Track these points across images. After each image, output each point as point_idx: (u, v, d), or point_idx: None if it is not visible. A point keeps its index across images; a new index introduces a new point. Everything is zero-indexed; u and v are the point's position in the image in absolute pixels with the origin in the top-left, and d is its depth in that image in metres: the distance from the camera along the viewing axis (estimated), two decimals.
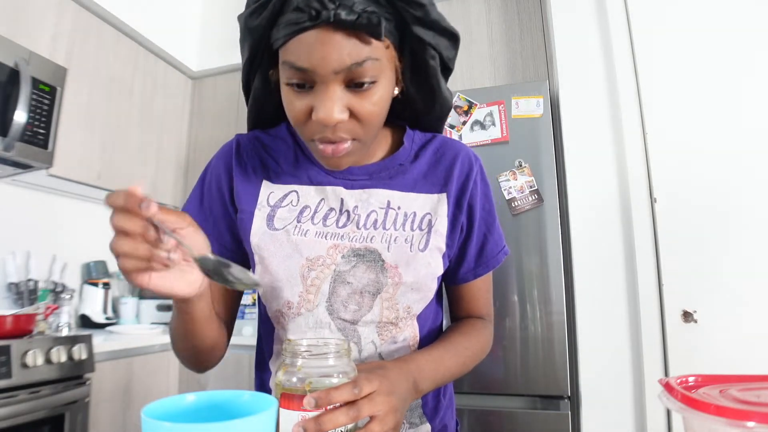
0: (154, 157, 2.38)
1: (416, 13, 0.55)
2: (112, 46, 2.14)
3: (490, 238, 0.74)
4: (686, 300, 1.59)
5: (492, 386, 1.71)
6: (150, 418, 0.37)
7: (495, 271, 0.78)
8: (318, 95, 0.55)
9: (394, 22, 0.56)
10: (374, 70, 0.55)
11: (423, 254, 0.66)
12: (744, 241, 1.56)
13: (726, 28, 1.67)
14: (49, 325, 1.80)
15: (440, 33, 0.59)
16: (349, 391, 0.47)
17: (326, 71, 0.53)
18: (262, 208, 0.68)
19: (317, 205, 0.68)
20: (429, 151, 0.72)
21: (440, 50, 0.60)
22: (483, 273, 0.75)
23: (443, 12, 0.60)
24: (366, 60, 0.53)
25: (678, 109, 1.69)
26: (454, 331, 0.72)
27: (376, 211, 0.67)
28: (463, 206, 0.70)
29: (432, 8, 0.57)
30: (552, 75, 2.03)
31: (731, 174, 1.60)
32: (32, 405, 1.39)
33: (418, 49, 0.59)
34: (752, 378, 0.41)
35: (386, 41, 0.55)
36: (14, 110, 1.60)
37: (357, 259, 0.65)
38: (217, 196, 0.71)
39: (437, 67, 0.61)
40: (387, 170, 0.69)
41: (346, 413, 0.46)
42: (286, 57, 0.55)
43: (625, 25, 1.80)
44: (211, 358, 0.68)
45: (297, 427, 0.46)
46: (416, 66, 0.61)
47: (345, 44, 0.52)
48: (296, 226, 0.67)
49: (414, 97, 0.65)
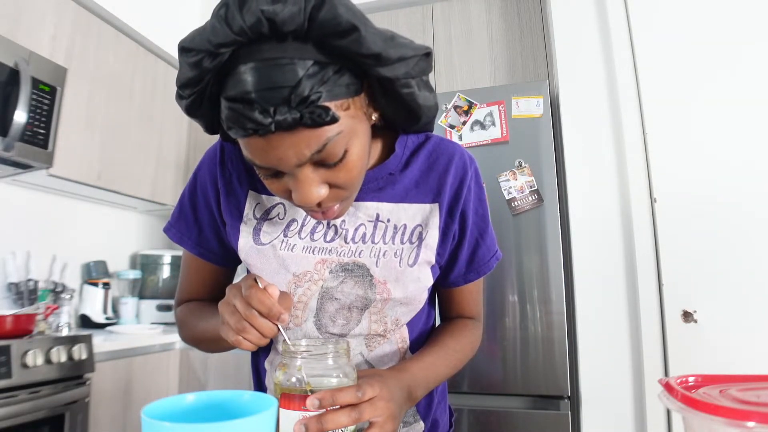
0: (154, 157, 2.38)
1: (372, 62, 0.48)
2: (112, 46, 2.14)
3: (482, 243, 0.72)
4: (686, 300, 1.59)
5: (492, 386, 1.71)
6: (150, 418, 0.37)
7: (495, 270, 0.78)
8: (291, 181, 0.52)
9: (351, 69, 0.49)
10: (341, 144, 0.50)
11: (412, 269, 0.64)
12: (744, 241, 1.56)
13: (726, 28, 1.67)
14: (49, 325, 1.80)
15: (407, 62, 0.51)
16: (353, 394, 0.47)
17: (288, 167, 0.50)
18: (249, 221, 0.67)
19: (304, 218, 0.66)
20: (421, 157, 0.69)
21: (413, 75, 0.53)
22: (474, 279, 0.73)
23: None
24: (327, 143, 0.48)
25: (678, 109, 1.69)
26: (444, 333, 0.72)
27: (365, 225, 0.65)
28: (456, 215, 0.68)
29: (390, 47, 0.49)
30: (552, 75, 2.03)
31: (731, 174, 1.60)
32: (32, 405, 1.39)
33: (387, 86, 0.53)
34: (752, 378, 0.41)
35: (345, 102, 0.49)
36: (14, 110, 1.60)
37: (345, 274, 0.64)
38: (203, 203, 0.71)
39: (413, 88, 0.55)
40: (376, 181, 0.66)
41: (348, 414, 0.46)
42: (244, 152, 0.51)
43: (625, 25, 1.80)
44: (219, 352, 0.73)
45: (299, 425, 0.46)
46: (390, 95, 0.55)
47: (298, 141, 0.47)
48: (283, 241, 0.65)
49: (394, 118, 0.61)
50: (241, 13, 0.44)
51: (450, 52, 2.26)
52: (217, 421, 0.36)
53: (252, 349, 0.53)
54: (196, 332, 0.70)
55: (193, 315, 0.72)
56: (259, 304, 0.50)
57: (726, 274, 1.57)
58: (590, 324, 1.70)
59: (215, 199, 0.70)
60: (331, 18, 0.45)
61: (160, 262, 2.54)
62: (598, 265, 1.73)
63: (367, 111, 0.55)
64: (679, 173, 1.66)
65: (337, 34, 0.46)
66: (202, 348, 0.72)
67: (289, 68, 0.45)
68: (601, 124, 1.80)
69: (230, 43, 0.45)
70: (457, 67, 2.24)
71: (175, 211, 0.74)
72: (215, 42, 0.45)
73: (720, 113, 1.64)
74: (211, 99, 0.51)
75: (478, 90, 1.94)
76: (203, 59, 0.46)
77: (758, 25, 1.64)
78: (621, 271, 1.70)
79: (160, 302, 2.46)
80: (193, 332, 0.71)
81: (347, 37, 0.46)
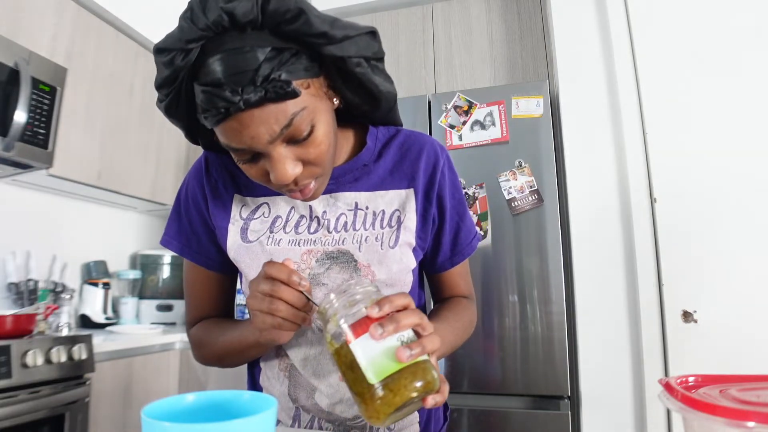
0: (154, 157, 2.38)
1: (321, 41, 0.54)
2: (112, 46, 2.14)
3: (463, 226, 0.76)
4: (686, 300, 1.60)
5: (492, 386, 1.71)
6: (150, 418, 0.37)
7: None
8: (267, 161, 0.56)
9: (306, 53, 0.55)
10: (306, 119, 0.55)
11: (393, 251, 0.68)
12: (744, 241, 1.56)
13: (726, 28, 1.67)
14: (49, 325, 1.80)
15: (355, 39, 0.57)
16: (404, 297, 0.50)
17: (261, 145, 0.54)
18: (236, 222, 0.71)
19: (288, 214, 0.70)
20: (393, 148, 0.73)
21: (362, 53, 0.58)
22: (459, 261, 0.77)
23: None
24: (293, 118, 0.53)
25: (678, 109, 1.69)
26: (443, 309, 0.75)
27: (345, 214, 0.69)
28: (433, 199, 0.72)
29: (335, 28, 0.54)
30: (552, 75, 2.03)
31: (731, 174, 1.61)
32: (32, 405, 1.39)
33: (340, 65, 0.58)
34: (752, 378, 0.41)
35: (305, 82, 0.55)
36: (14, 110, 1.60)
37: (330, 262, 0.67)
38: (196, 214, 0.74)
39: (366, 69, 0.60)
40: (351, 172, 0.71)
41: (414, 313, 0.48)
42: (221, 139, 0.56)
43: (625, 25, 1.80)
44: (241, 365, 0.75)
45: (374, 327, 0.46)
46: (346, 77, 0.60)
47: (266, 117, 0.52)
48: (269, 237, 0.69)
49: (355, 102, 0.65)
50: (204, 12, 0.50)
51: (450, 52, 2.26)
52: (217, 421, 0.36)
53: (290, 332, 0.56)
54: (218, 347, 0.71)
55: (211, 332, 0.73)
56: (279, 272, 0.53)
57: (726, 274, 1.57)
58: (590, 324, 1.71)
59: (205, 207, 0.73)
60: (279, 6, 0.51)
61: (160, 262, 2.54)
62: (598, 265, 1.73)
63: (327, 93, 0.60)
64: (679, 173, 1.66)
65: (287, 20, 0.52)
66: (226, 363, 0.73)
67: (250, 55, 0.51)
68: (601, 124, 1.80)
69: (197, 38, 0.51)
70: (457, 67, 2.24)
71: (172, 225, 0.76)
72: (184, 39, 0.51)
73: (720, 113, 1.64)
74: (187, 98, 0.56)
75: (478, 90, 1.94)
76: (175, 57, 0.52)
77: (758, 26, 1.64)
78: (621, 271, 1.70)
79: (160, 302, 2.46)
80: (214, 349, 0.72)
81: (296, 21, 0.52)
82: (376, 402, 0.45)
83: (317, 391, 0.69)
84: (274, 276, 0.53)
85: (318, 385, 0.68)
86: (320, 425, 0.69)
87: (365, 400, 0.46)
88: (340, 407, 0.68)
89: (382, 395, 0.45)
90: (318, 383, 0.68)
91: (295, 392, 0.70)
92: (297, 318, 0.54)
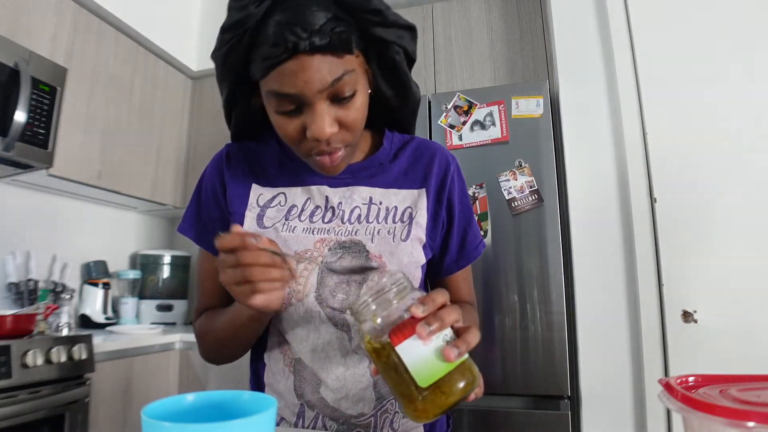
0: (154, 157, 2.38)
1: (375, 19, 0.60)
2: (112, 46, 2.14)
3: (470, 230, 0.78)
4: (686, 300, 1.59)
5: (492, 386, 1.71)
6: (150, 418, 0.37)
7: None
8: (308, 115, 0.60)
9: (358, 31, 0.60)
10: (352, 82, 0.60)
11: (405, 244, 0.70)
12: (744, 241, 1.56)
13: (726, 28, 1.67)
14: (49, 325, 1.80)
15: (400, 29, 0.64)
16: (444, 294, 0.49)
17: (311, 92, 0.57)
18: (252, 209, 0.73)
19: (304, 203, 0.72)
20: (408, 151, 0.77)
21: (404, 45, 0.65)
22: (465, 264, 0.79)
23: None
24: (344, 74, 0.58)
25: (678, 109, 1.69)
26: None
27: (360, 207, 0.72)
28: (443, 201, 0.75)
29: (389, 11, 0.62)
30: (552, 75, 2.03)
31: (731, 174, 1.60)
32: (32, 405, 1.39)
33: (383, 50, 0.64)
34: (752, 378, 0.41)
35: (356, 51, 0.60)
36: (14, 110, 1.60)
37: (343, 251, 0.69)
38: (213, 203, 0.76)
39: (403, 61, 0.66)
40: (368, 169, 0.74)
41: (454, 309, 0.48)
42: (270, 87, 0.59)
43: (625, 25, 1.79)
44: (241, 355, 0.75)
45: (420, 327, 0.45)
46: (384, 65, 0.66)
47: (323, 65, 0.56)
48: (284, 224, 0.71)
49: (387, 94, 0.70)
50: None
51: (450, 52, 2.26)
52: (217, 421, 0.36)
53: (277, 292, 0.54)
54: (218, 332, 0.70)
55: (212, 319, 0.73)
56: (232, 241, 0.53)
57: (726, 274, 1.57)
58: (590, 324, 1.70)
59: (222, 194, 0.75)
60: None
61: (160, 262, 2.54)
62: (598, 265, 1.72)
63: (367, 72, 0.65)
64: (679, 173, 1.66)
65: None
66: (227, 350, 0.72)
67: (318, 13, 0.56)
68: (601, 124, 1.80)
69: None
70: (457, 67, 2.24)
71: (190, 213, 0.78)
72: None
73: (720, 113, 1.64)
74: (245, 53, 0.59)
75: (478, 90, 1.94)
76: (249, 4, 0.57)
77: (758, 26, 1.64)
78: (621, 270, 1.70)
79: (160, 302, 2.46)
80: (214, 335, 0.71)
81: None
82: (427, 403, 0.45)
83: (323, 385, 0.69)
84: (229, 245, 0.53)
85: (325, 377, 0.68)
86: (324, 423, 0.69)
87: (413, 401, 0.45)
88: (345, 403, 0.68)
89: (432, 397, 0.45)
90: (325, 376, 0.68)
91: (301, 387, 0.70)
92: (273, 274, 0.53)
